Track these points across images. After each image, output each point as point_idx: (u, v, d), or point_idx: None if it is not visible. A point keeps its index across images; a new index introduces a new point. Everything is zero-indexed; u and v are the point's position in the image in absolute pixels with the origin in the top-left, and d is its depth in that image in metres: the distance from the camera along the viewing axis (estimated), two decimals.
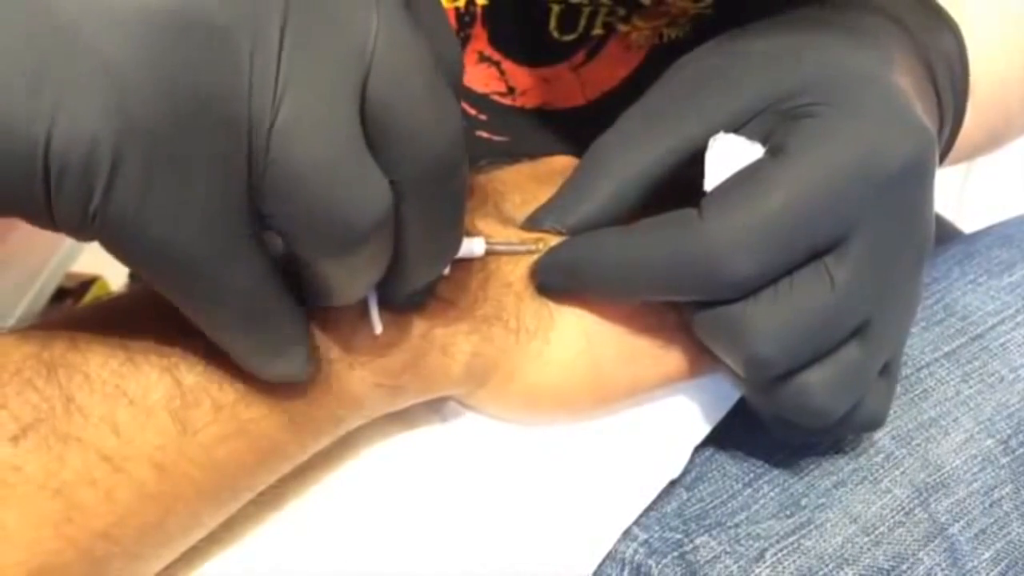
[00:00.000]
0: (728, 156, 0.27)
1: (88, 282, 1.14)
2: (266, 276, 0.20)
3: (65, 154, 0.17)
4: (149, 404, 0.22)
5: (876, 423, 0.29)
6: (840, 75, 0.27)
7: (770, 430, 0.30)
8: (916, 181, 0.26)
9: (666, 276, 0.26)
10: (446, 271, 0.26)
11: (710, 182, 0.27)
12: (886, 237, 0.26)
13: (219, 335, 0.21)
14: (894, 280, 0.27)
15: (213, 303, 0.20)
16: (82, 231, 0.18)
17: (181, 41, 0.17)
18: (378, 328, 0.24)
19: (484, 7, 0.41)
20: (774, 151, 0.26)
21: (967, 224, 0.54)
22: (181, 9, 0.17)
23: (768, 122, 0.27)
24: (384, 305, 0.25)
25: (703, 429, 0.31)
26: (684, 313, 0.28)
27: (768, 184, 0.25)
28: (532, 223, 0.29)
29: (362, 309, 0.24)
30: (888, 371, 0.29)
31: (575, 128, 0.44)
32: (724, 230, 0.25)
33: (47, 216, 0.18)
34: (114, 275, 1.14)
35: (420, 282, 0.24)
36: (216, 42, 0.17)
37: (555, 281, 0.28)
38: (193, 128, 0.18)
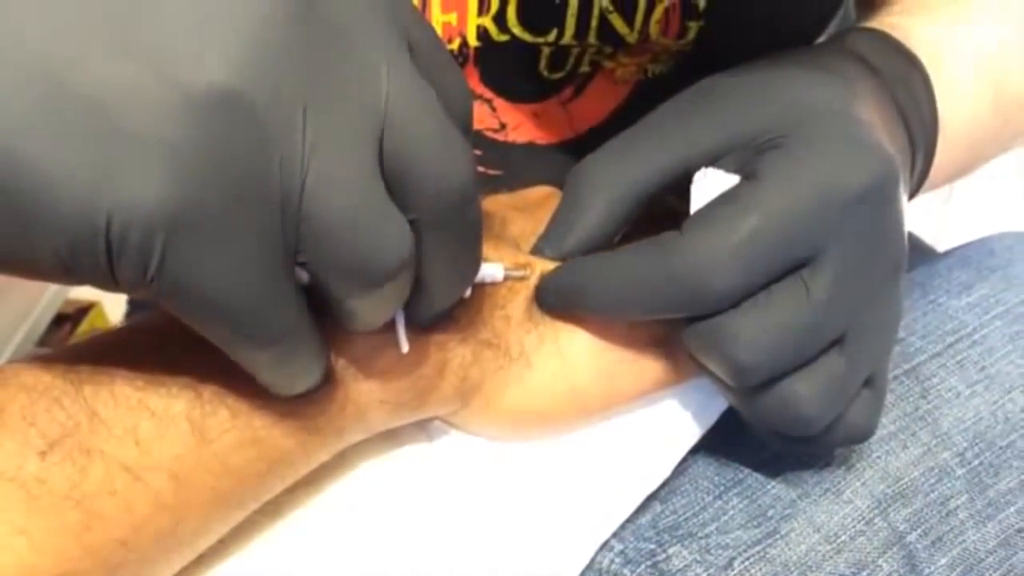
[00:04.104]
0: (710, 187, 0.29)
1: (85, 308, 1.18)
2: (301, 319, 0.22)
3: (124, 233, 0.19)
4: (171, 415, 0.24)
5: (863, 434, 0.30)
6: (803, 110, 0.30)
7: (765, 441, 0.31)
8: (880, 200, 0.28)
9: (654, 294, 0.28)
10: (467, 294, 0.28)
11: (695, 210, 0.29)
12: (857, 253, 0.27)
13: (254, 369, 0.23)
14: (869, 294, 0.28)
15: (256, 347, 0.22)
16: (140, 292, 0.20)
17: (221, 123, 0.19)
18: (404, 347, 0.27)
19: (476, 48, 0.43)
20: (747, 177, 0.28)
21: (947, 247, 0.56)
22: (220, 94, 0.19)
23: (741, 157, 0.29)
24: (407, 325, 0.27)
25: (682, 448, 0.32)
26: (656, 328, 0.30)
27: (742, 204, 0.27)
28: (533, 254, 0.32)
29: (379, 329, 0.26)
30: (873, 384, 0.30)
31: (566, 161, 0.47)
32: (705, 247, 0.27)
33: (111, 282, 0.20)
34: (110, 302, 1.17)
35: (444, 305, 0.27)
36: (250, 120, 0.19)
37: (555, 303, 0.30)
38: (235, 199, 0.19)
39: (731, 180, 0.29)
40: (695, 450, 0.33)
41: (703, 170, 0.29)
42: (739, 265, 0.26)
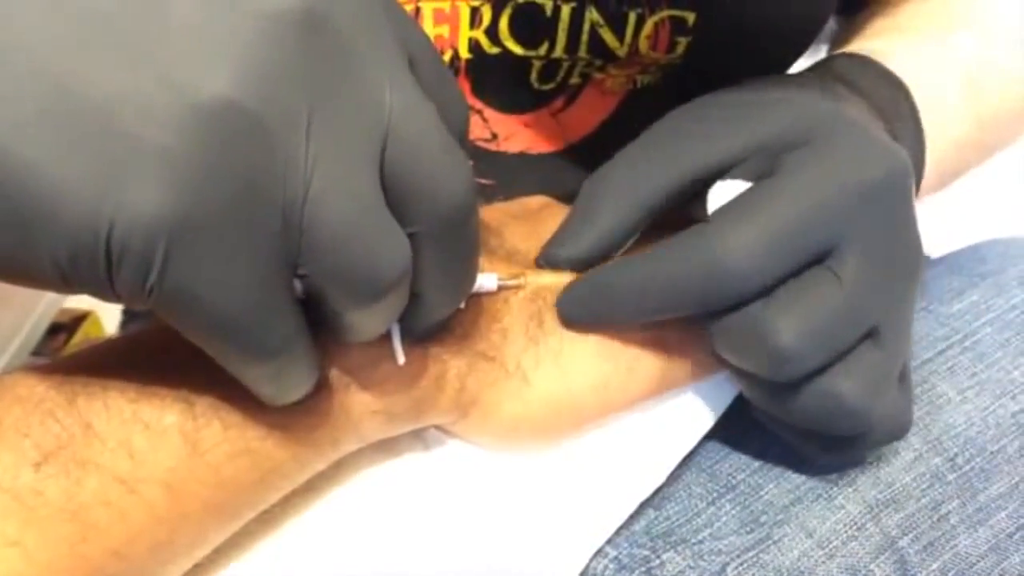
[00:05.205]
0: (728, 196, 0.29)
1: (80, 317, 1.19)
2: (298, 332, 0.22)
3: (125, 242, 0.19)
4: (164, 427, 0.24)
5: (902, 430, 0.30)
6: (815, 118, 0.30)
7: (799, 448, 0.31)
8: (896, 194, 0.28)
9: (684, 287, 0.28)
10: (462, 305, 0.28)
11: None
12: (879, 244, 0.28)
13: (249, 381, 0.23)
14: (894, 286, 0.28)
15: (253, 359, 0.22)
16: (139, 302, 0.20)
17: (226, 134, 0.19)
18: (401, 359, 0.27)
19: (468, 60, 0.44)
20: (768, 175, 0.29)
21: (947, 249, 0.56)
22: (224, 105, 0.19)
23: (758, 163, 0.30)
24: (403, 336, 0.27)
25: (676, 455, 0.32)
26: (650, 334, 0.31)
27: (767, 196, 0.28)
28: (546, 259, 0.32)
29: (374, 341, 0.26)
30: (904, 378, 0.30)
31: (557, 170, 0.47)
32: (735, 235, 0.27)
33: (110, 291, 0.20)
34: (105, 311, 1.18)
35: (440, 316, 0.27)
36: (255, 132, 0.19)
37: (582, 313, 0.30)
38: (238, 210, 0.19)
39: (748, 187, 0.29)
40: (688, 457, 0.33)
41: (719, 182, 0.30)
42: (770, 252, 0.27)
